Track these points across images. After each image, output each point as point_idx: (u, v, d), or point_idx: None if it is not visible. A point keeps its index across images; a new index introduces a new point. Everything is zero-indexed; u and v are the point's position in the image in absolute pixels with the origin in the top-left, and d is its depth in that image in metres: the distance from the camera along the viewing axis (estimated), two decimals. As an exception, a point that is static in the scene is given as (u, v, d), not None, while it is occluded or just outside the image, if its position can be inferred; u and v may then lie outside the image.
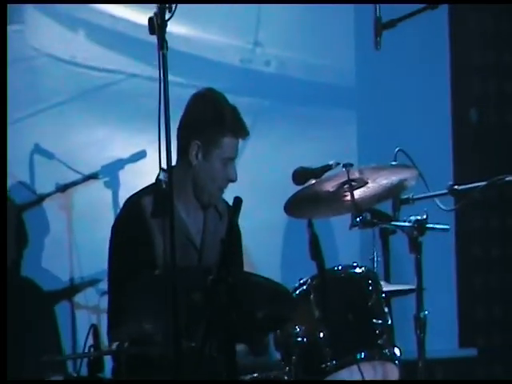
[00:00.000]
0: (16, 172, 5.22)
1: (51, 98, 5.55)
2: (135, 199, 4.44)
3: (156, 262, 4.32)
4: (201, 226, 4.47)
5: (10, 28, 5.39)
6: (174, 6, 3.60)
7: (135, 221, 4.41)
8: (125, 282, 4.15)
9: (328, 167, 4.20)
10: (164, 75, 3.57)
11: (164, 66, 3.58)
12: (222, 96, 4.54)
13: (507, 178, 4.46)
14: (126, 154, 5.29)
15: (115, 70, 5.72)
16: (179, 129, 4.45)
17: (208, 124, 4.33)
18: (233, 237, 3.78)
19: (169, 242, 3.62)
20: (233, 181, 4.49)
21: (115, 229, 4.44)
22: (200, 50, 5.78)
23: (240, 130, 4.46)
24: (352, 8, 6.22)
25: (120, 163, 5.28)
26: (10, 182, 5.05)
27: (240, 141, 4.51)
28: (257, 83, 6.04)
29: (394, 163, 4.40)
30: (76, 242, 5.19)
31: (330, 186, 4.20)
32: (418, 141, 5.77)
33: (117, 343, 4.02)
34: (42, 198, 5.18)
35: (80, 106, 5.54)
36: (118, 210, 4.71)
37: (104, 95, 5.60)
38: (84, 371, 4.01)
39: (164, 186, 3.80)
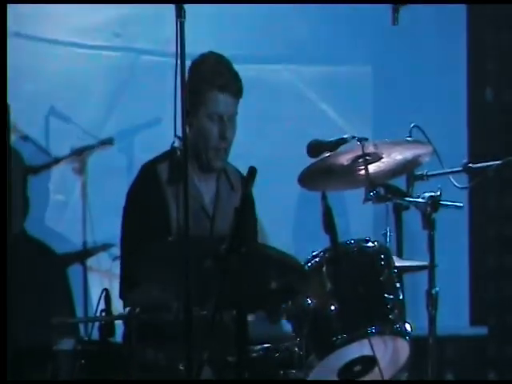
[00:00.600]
0: (32, 134, 5.19)
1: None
2: (150, 166, 4.42)
3: (170, 229, 4.32)
4: (213, 195, 4.45)
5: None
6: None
7: (150, 187, 4.38)
8: (138, 248, 4.17)
9: (343, 141, 4.16)
10: (181, 44, 3.53)
11: (181, 35, 3.54)
12: (219, 56, 4.44)
13: None
14: (141, 121, 5.29)
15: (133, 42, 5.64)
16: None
17: (193, 81, 4.25)
18: (246, 207, 3.71)
19: (182, 210, 3.61)
20: (225, 139, 4.38)
21: (130, 194, 4.43)
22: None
23: (226, 85, 4.36)
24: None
25: (135, 129, 5.27)
26: (24, 143, 5.07)
27: (232, 98, 4.37)
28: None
29: (408, 139, 4.34)
30: (90, 206, 5.17)
31: (344, 160, 4.17)
32: (434, 117, 5.69)
33: (128, 309, 4.03)
34: (57, 160, 5.14)
35: (96, 72, 5.53)
36: (133, 176, 4.64)
37: (121, 64, 5.54)
38: (95, 335, 4.01)
39: (178, 154, 4.03)
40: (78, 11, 5.50)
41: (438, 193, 4.11)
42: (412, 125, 4.34)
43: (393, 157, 4.25)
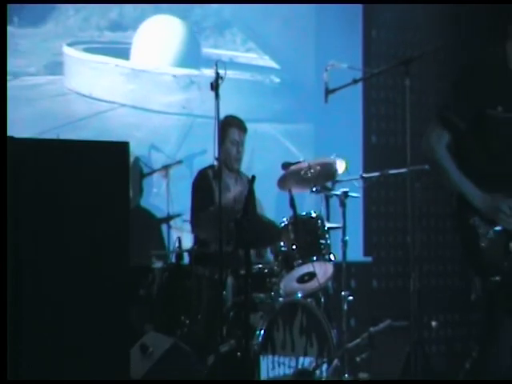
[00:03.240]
0: (142, 158, 5.86)
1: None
2: (203, 170, 5.47)
3: (213, 202, 5.23)
4: (234, 185, 5.46)
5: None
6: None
7: (203, 180, 5.40)
8: (198, 210, 5.19)
9: (299, 162, 5.26)
10: (217, 110, 4.59)
11: (217, 106, 4.57)
12: (234, 116, 5.48)
13: (391, 171, 5.39)
14: (196, 151, 6.03)
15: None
16: None
17: (223, 126, 5.14)
18: (251, 195, 4.70)
19: (219, 194, 4.65)
20: (239, 153, 5.37)
21: (193, 185, 5.45)
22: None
23: (239, 127, 5.40)
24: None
25: (194, 155, 6.01)
26: (139, 162, 5.67)
27: (242, 133, 5.40)
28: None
29: (332, 158, 5.22)
30: (171, 195, 5.71)
31: (300, 172, 5.12)
32: (347, 146, 6.26)
33: (190, 247, 5.11)
34: (155, 171, 5.78)
35: (173, 128, 6.04)
36: (192, 179, 5.55)
37: (185, 122, 6.20)
38: (173, 259, 5.05)
39: (216, 163, 4.96)
40: (161, 95, 6.06)
41: (347, 189, 5.29)
42: (334, 154, 5.24)
43: (323, 170, 5.16)
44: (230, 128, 5.36)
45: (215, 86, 4.65)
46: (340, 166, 5.14)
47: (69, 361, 3.13)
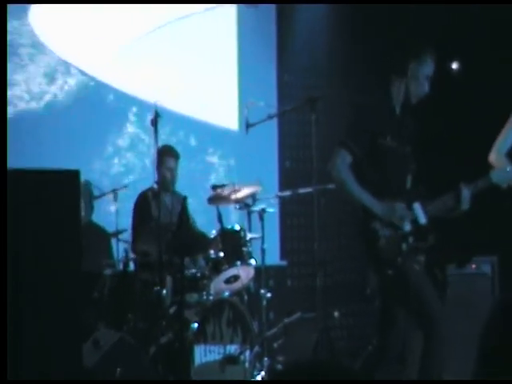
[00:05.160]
0: (94, 182, 5.48)
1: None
2: (143, 192, 5.37)
3: (152, 219, 5.17)
4: (170, 204, 5.31)
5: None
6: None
7: (143, 201, 5.36)
8: (139, 226, 5.18)
9: (227, 184, 5.29)
10: (156, 141, 4.70)
11: (156, 142, 4.72)
12: (170, 147, 5.37)
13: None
14: (140, 176, 5.87)
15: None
16: None
17: (159, 154, 5.02)
18: (184, 211, 4.87)
19: (158, 212, 4.76)
20: (174, 177, 5.24)
21: (134, 205, 5.39)
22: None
23: (173, 155, 5.28)
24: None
25: (137, 181, 5.77)
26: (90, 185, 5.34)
27: (175, 160, 5.25)
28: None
29: (253, 182, 5.30)
30: (118, 212, 5.40)
31: (225, 192, 5.16)
32: (265, 170, 6.34)
33: (135, 256, 5.11)
34: (104, 194, 5.46)
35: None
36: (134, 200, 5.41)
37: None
38: (121, 267, 4.98)
39: (155, 186, 5.17)
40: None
41: (265, 206, 5.32)
42: (257, 179, 5.32)
43: (245, 191, 5.23)
44: (165, 156, 5.24)
45: (154, 122, 4.73)
46: (258, 189, 5.25)
47: (28, 356, 3.16)
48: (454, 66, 3.73)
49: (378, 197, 3.67)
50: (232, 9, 6.26)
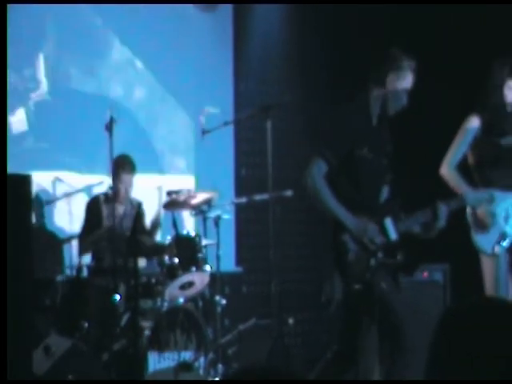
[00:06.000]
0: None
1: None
2: (95, 196, 5.33)
3: (101, 224, 5.21)
4: (123, 211, 5.30)
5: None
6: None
7: (95, 205, 5.31)
8: (89, 230, 5.15)
9: (182, 190, 5.20)
10: (110, 151, 4.60)
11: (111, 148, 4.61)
12: (126, 158, 5.18)
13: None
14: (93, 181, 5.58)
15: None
16: None
17: (114, 166, 4.93)
18: (138, 217, 5.08)
19: (111, 216, 4.81)
20: (130, 187, 5.17)
21: (86, 208, 5.31)
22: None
23: (128, 168, 5.18)
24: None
25: (90, 187, 5.62)
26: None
27: (131, 174, 5.16)
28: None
29: (209, 191, 5.28)
30: (71, 218, 5.49)
31: (181, 198, 5.15)
32: (221, 177, 6.27)
33: (89, 262, 5.11)
34: (58, 198, 5.44)
35: None
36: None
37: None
38: (74, 273, 4.91)
39: (110, 192, 5.11)
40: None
41: (220, 212, 5.25)
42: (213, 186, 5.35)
43: (200, 197, 5.22)
44: (120, 170, 5.12)
45: (109, 128, 4.66)
46: (213, 195, 5.23)
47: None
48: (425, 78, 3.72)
49: (349, 208, 3.65)
50: (188, 13, 6.21)
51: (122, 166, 5.09)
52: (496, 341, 1.49)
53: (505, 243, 4.15)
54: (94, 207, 5.23)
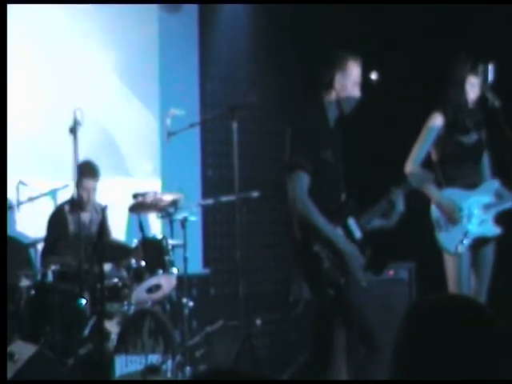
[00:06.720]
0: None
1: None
2: (60, 205, 5.30)
3: (68, 233, 5.24)
4: (89, 218, 5.32)
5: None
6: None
7: (59, 214, 5.31)
8: (54, 240, 5.15)
9: (148, 192, 5.16)
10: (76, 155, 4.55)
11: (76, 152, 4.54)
12: (90, 165, 5.14)
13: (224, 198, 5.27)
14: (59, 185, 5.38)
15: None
16: None
17: (79, 171, 4.82)
18: (104, 222, 5.01)
19: (76, 224, 4.85)
20: (87, 202, 5.15)
21: (50, 217, 5.28)
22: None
23: (91, 175, 5.15)
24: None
25: (55, 191, 5.45)
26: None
27: (94, 180, 5.13)
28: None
29: (174, 192, 5.29)
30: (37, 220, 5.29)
31: (147, 200, 5.14)
32: (188, 179, 6.17)
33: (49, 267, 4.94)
34: (21, 202, 5.24)
35: None
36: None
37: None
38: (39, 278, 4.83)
39: (75, 199, 5.12)
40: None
41: (187, 214, 5.25)
42: (179, 187, 5.28)
43: (166, 199, 5.19)
44: (83, 177, 5.07)
45: (74, 131, 4.59)
46: (180, 197, 5.22)
47: None
48: (374, 75, 3.72)
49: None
50: (153, 15, 6.13)
51: (83, 173, 5.04)
52: (456, 335, 1.56)
53: (467, 241, 4.16)
54: (58, 219, 5.18)
